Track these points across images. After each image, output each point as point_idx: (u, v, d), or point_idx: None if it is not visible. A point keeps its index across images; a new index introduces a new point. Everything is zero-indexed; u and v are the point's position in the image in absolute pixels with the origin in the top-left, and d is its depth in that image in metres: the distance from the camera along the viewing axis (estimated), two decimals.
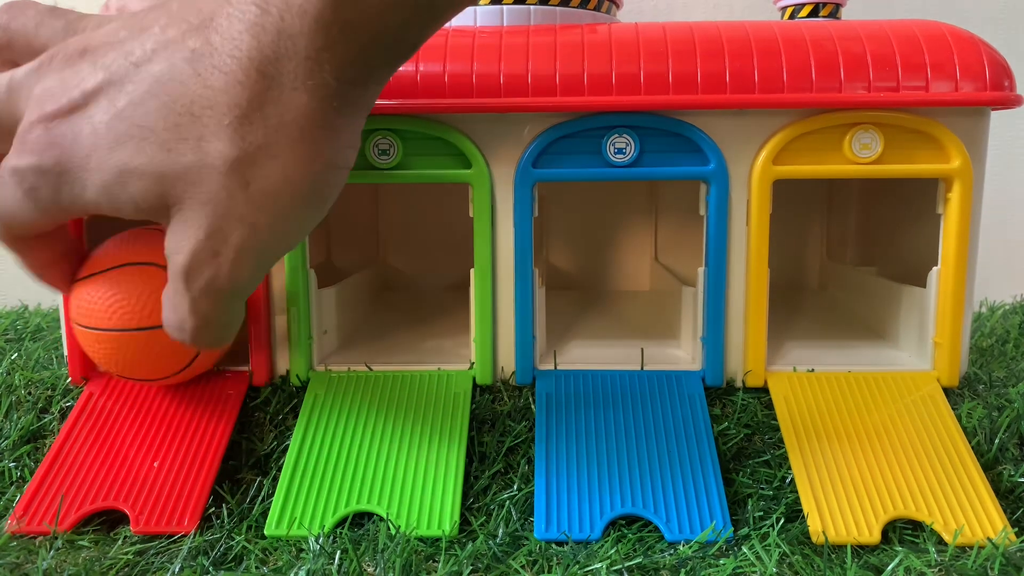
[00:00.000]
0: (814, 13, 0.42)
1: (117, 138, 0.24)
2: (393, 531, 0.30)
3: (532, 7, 0.41)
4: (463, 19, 0.41)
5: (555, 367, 0.38)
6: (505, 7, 0.41)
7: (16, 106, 0.26)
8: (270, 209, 0.25)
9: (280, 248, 0.27)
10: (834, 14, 0.42)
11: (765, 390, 0.37)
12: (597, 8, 0.42)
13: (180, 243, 0.25)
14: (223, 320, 0.27)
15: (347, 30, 0.24)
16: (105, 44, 0.25)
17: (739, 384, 0.38)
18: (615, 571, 0.27)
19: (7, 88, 0.26)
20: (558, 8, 0.41)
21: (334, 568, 0.27)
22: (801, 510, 0.31)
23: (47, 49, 0.27)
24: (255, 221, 0.25)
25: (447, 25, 0.41)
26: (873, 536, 0.29)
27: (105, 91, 0.24)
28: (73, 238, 0.31)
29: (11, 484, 0.34)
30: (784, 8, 0.43)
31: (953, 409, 0.35)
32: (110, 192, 0.25)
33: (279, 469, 0.33)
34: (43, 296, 0.64)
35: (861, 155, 0.35)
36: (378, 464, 0.33)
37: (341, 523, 0.31)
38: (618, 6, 0.44)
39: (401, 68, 0.35)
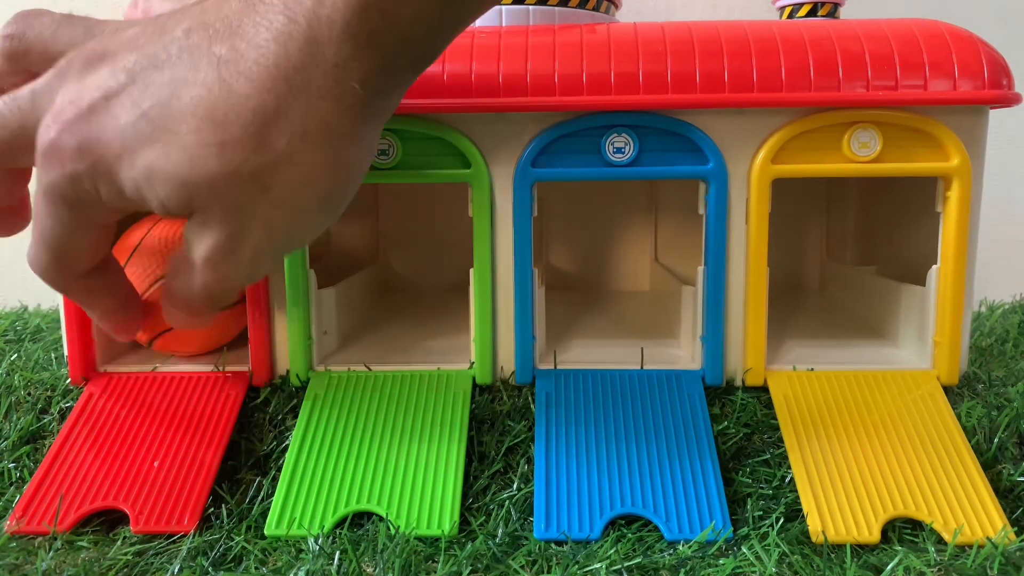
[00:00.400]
0: (812, 13, 0.42)
1: (144, 139, 0.24)
2: (392, 531, 0.30)
3: (531, 7, 0.41)
4: None
5: (555, 367, 0.38)
6: (504, 7, 0.41)
7: (40, 115, 0.26)
8: (288, 212, 0.26)
9: (295, 244, 0.28)
10: (832, 13, 0.42)
11: (765, 389, 0.37)
12: (596, 8, 0.42)
13: (200, 237, 0.26)
14: (227, 297, 0.28)
15: (374, 39, 0.24)
16: (125, 48, 0.25)
17: (739, 383, 0.38)
18: (614, 571, 0.27)
19: (30, 98, 0.26)
20: (557, 8, 0.41)
21: (333, 568, 0.27)
22: (800, 509, 0.31)
23: (65, 56, 0.27)
24: (273, 223, 0.26)
25: None
26: (873, 535, 0.29)
27: (128, 91, 0.24)
28: (130, 284, 0.31)
29: (11, 485, 0.34)
30: (782, 8, 0.43)
31: (953, 408, 0.35)
32: (140, 191, 0.25)
33: (279, 469, 0.33)
34: (43, 297, 0.64)
35: (860, 154, 0.35)
36: (378, 464, 0.33)
37: (341, 523, 0.31)
38: (617, 6, 0.44)
39: None
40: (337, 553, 0.28)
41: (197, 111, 0.24)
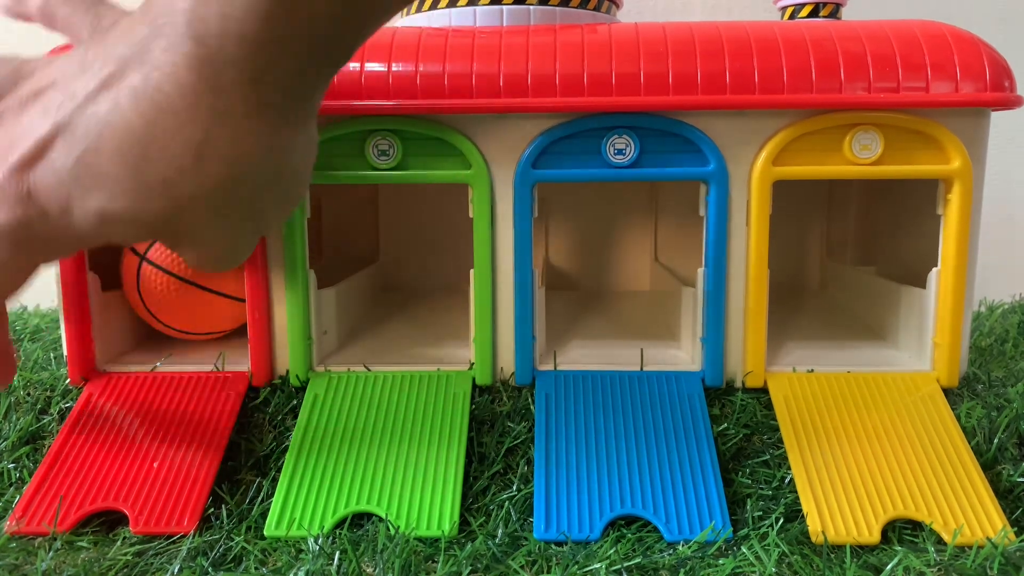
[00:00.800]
0: (814, 13, 0.42)
1: (86, 186, 0.24)
2: (392, 531, 0.30)
3: (532, 7, 0.41)
4: (463, 19, 0.41)
5: (555, 367, 0.38)
6: (505, 7, 0.41)
7: None
8: (251, 219, 0.27)
9: (268, 228, 0.29)
10: (834, 14, 0.42)
11: (764, 390, 0.37)
12: (597, 8, 0.42)
13: (179, 253, 0.28)
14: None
15: (284, 47, 0.24)
16: (51, 86, 0.26)
17: (739, 384, 0.38)
18: (614, 571, 0.27)
19: None
20: (558, 8, 0.41)
21: (333, 569, 0.27)
22: (800, 510, 0.31)
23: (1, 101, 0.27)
24: (241, 233, 0.27)
25: (447, 25, 0.41)
26: (873, 536, 0.29)
27: (60, 136, 0.24)
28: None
29: (10, 485, 0.34)
30: (784, 8, 0.43)
31: (952, 409, 0.35)
32: (99, 232, 0.25)
33: (278, 470, 0.33)
34: (42, 297, 0.64)
35: (861, 156, 0.35)
36: (378, 465, 0.33)
37: (341, 524, 0.31)
38: (618, 6, 0.44)
39: (401, 68, 0.35)
40: (337, 553, 0.28)
41: (129, 152, 0.24)
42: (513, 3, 0.41)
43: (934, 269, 0.37)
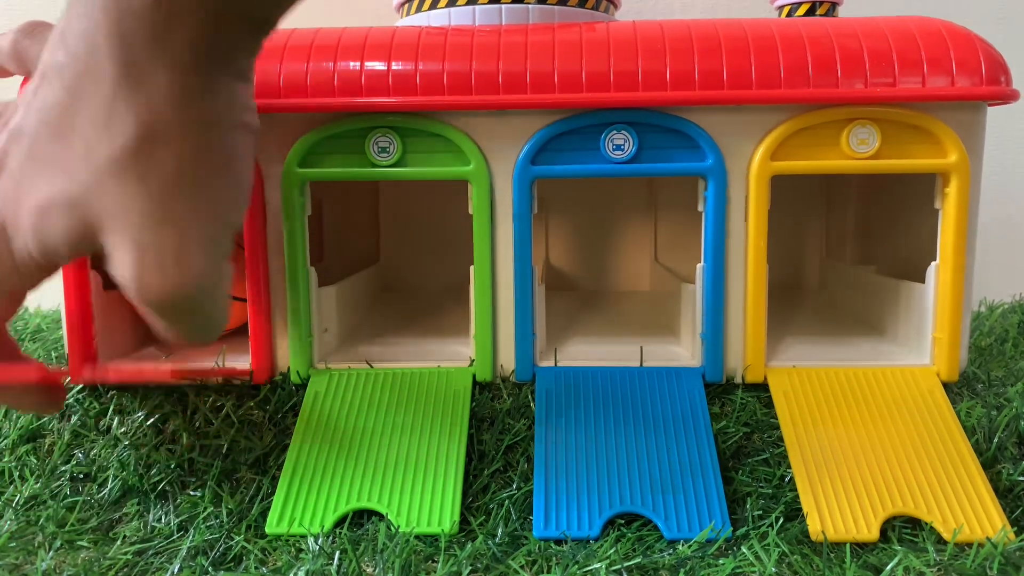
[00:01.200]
0: (811, 12, 0.42)
1: (31, 178, 0.24)
2: (392, 530, 0.30)
3: (530, 6, 0.41)
4: (462, 18, 0.41)
5: (555, 364, 0.38)
6: (504, 6, 0.41)
7: None
8: (183, 195, 0.24)
9: (218, 226, 0.26)
10: (830, 13, 0.42)
11: (764, 387, 0.37)
12: (595, 7, 0.42)
13: (121, 269, 0.24)
14: (201, 322, 0.26)
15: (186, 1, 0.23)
16: (12, 109, 0.26)
17: (739, 380, 0.38)
18: (614, 571, 0.27)
19: None
20: (556, 7, 0.41)
21: (333, 568, 0.27)
22: (800, 508, 0.31)
23: None
24: (173, 215, 0.24)
25: (446, 24, 0.41)
26: (872, 533, 0.29)
27: (13, 141, 0.25)
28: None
29: (11, 483, 0.34)
30: (781, 7, 0.43)
31: (952, 407, 0.35)
32: (41, 234, 0.24)
33: (279, 468, 0.33)
34: (42, 297, 0.64)
35: (859, 150, 0.35)
36: (378, 462, 0.33)
37: (341, 521, 0.31)
38: (616, 6, 0.44)
39: (401, 67, 0.35)
40: (337, 553, 0.28)
41: (60, 128, 0.24)
42: (512, 2, 0.41)
43: (933, 263, 0.37)
